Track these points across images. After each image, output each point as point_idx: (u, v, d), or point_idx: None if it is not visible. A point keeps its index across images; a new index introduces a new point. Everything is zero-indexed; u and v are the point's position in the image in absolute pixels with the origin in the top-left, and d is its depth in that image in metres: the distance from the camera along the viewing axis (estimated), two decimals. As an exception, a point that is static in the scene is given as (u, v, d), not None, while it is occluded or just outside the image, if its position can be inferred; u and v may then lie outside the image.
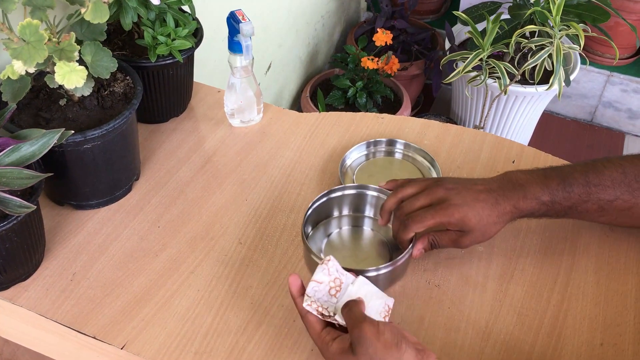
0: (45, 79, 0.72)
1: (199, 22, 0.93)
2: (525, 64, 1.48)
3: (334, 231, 0.81)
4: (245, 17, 0.84)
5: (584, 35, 1.40)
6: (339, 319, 0.63)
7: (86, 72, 0.68)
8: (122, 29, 0.87)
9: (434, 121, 0.99)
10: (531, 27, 1.46)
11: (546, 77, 1.68)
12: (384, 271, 0.70)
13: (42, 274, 0.74)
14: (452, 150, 0.94)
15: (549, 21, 1.43)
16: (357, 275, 0.67)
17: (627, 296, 0.74)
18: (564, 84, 1.53)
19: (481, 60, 1.50)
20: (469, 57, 1.50)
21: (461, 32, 1.95)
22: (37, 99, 0.77)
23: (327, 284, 0.66)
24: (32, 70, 0.65)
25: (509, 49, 1.49)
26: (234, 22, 0.84)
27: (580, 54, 1.70)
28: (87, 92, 0.73)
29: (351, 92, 1.81)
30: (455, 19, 1.87)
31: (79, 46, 0.68)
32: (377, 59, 1.85)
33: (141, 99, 0.78)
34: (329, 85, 1.94)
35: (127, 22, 0.82)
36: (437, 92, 2.04)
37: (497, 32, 1.52)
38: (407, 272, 0.76)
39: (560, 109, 2.36)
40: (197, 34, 0.91)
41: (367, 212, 0.82)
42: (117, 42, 0.90)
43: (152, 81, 0.89)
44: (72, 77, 0.66)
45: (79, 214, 0.81)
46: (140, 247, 0.78)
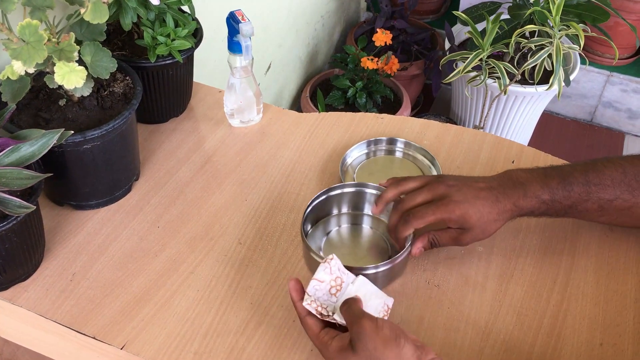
0: (44, 80, 0.72)
1: (198, 22, 0.93)
2: (525, 64, 1.48)
3: (333, 229, 0.81)
4: (244, 17, 0.84)
5: (584, 35, 1.40)
6: (337, 318, 0.63)
7: (86, 73, 0.68)
8: (121, 29, 0.87)
9: (433, 121, 0.99)
10: (531, 27, 1.46)
11: (546, 77, 1.68)
12: (382, 269, 0.70)
13: (41, 274, 0.74)
14: (452, 150, 0.94)
15: (549, 21, 1.43)
16: (357, 273, 0.68)
17: (627, 296, 0.74)
18: (563, 84, 1.53)
19: (481, 60, 1.50)
20: (468, 57, 1.50)
21: (461, 32, 1.95)
22: (37, 99, 0.77)
23: (328, 282, 0.66)
24: (31, 70, 0.65)
25: (508, 49, 1.49)
26: (233, 22, 0.84)
27: (580, 54, 1.70)
28: (86, 93, 0.73)
29: (351, 92, 1.81)
30: (455, 19, 1.87)
31: (78, 46, 0.68)
32: (376, 59, 1.85)
33: (141, 99, 0.78)
34: (329, 85, 1.94)
35: (127, 23, 0.82)
36: (436, 92, 2.04)
37: (497, 32, 1.52)
38: (406, 272, 0.76)
39: (560, 109, 2.36)
40: (197, 34, 0.91)
41: (366, 209, 0.82)
42: (116, 42, 0.90)
43: (151, 81, 0.89)
44: (71, 78, 0.66)
45: (78, 214, 0.81)
46: (139, 248, 0.78)
